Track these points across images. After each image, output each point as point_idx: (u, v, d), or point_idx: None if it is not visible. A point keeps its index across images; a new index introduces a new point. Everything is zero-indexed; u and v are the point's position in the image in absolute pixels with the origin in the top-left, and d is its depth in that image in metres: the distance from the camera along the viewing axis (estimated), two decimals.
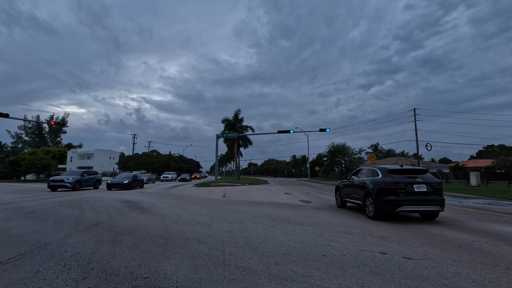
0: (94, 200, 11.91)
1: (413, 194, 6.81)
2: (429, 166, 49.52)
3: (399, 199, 6.71)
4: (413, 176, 7.12)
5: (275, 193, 16.52)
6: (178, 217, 7.36)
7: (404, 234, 5.44)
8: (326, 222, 6.69)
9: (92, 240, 4.81)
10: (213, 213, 8.11)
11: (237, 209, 9.16)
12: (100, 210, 8.76)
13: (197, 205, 10.15)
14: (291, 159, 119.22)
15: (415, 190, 6.84)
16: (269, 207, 9.62)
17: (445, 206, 7.15)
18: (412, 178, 7.06)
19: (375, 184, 7.24)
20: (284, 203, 11.19)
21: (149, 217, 7.35)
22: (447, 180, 31.10)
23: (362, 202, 7.89)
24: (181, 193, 16.91)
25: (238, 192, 17.27)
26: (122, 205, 10.25)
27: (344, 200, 9.58)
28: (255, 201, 11.98)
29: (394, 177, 7.07)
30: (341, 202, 9.80)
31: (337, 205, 10.06)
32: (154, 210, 8.72)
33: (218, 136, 28.69)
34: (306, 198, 13.13)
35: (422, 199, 6.79)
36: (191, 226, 6.18)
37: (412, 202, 6.71)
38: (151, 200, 11.89)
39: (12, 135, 76.12)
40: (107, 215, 7.80)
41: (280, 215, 7.73)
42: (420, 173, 7.26)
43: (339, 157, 45.74)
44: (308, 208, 9.55)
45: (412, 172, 7.26)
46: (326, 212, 8.43)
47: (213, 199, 12.85)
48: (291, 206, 10.12)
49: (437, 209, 6.86)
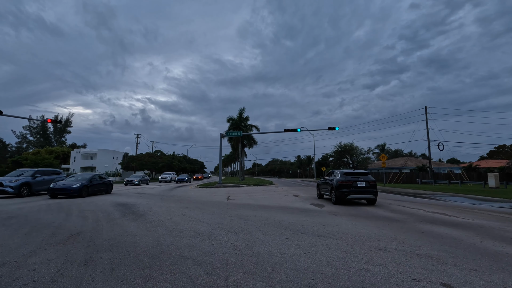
0: (86, 203, 10.95)
1: (357, 188, 10.49)
2: (440, 166, 47.87)
3: (349, 191, 10.43)
4: (358, 176, 10.72)
5: (282, 195, 15.42)
6: (174, 225, 6.31)
7: (459, 253, 4.31)
8: (351, 233, 5.58)
9: (61, 259, 3.78)
10: (216, 220, 7.05)
11: (243, 214, 8.09)
12: (88, 216, 7.77)
13: (198, 210, 9.10)
14: (296, 160, 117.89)
15: (358, 185, 10.50)
16: (278, 212, 8.53)
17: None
18: (357, 177, 10.65)
19: (336, 182, 10.81)
20: (295, 207, 10.09)
21: (141, 225, 6.32)
22: (462, 182, 29.61)
23: (329, 193, 11.59)
24: (182, 195, 15.90)
25: (243, 194, 16.21)
26: (115, 209, 9.26)
27: (321, 193, 13.23)
28: (262, 204, 10.90)
29: (347, 177, 10.69)
30: (319, 194, 13.57)
31: (317, 197, 13.75)
32: (149, 216, 7.69)
33: (222, 135, 27.68)
34: (317, 201, 12.00)
35: (362, 191, 10.51)
36: (188, 238, 5.13)
37: (356, 193, 10.47)
38: (149, 203, 10.89)
39: (17, 135, 76.20)
40: (93, 222, 6.80)
41: (293, 223, 6.63)
42: (363, 175, 10.87)
43: (347, 157, 44.40)
44: (323, 213, 8.43)
45: (358, 174, 10.89)
46: (346, 219, 7.31)
47: (216, 202, 11.80)
48: (303, 211, 9.02)
49: (372, 197, 10.63)
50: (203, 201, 12.21)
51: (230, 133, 29.21)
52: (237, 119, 41.34)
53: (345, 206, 10.38)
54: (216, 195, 15.78)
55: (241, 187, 23.73)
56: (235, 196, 14.97)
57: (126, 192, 17.74)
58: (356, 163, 43.61)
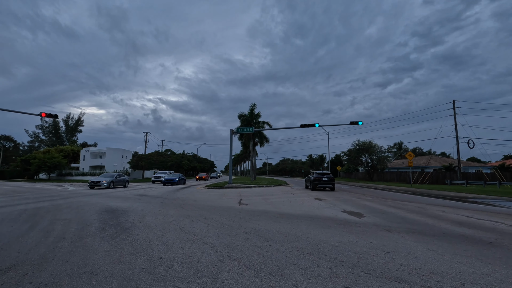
0: (69, 208, 9.10)
1: (323, 181, 19.04)
2: (468, 166, 44.30)
3: (319, 183, 19.06)
4: (323, 174, 19.42)
5: (303, 198, 13.21)
6: (164, 251, 4.26)
7: None
8: (447, 274, 3.35)
9: None
10: (225, 240, 4.96)
11: (262, 229, 5.97)
12: (55, 229, 5.84)
13: (203, 220, 7.05)
14: (307, 159, 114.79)
15: (323, 179, 19.06)
16: (310, 226, 6.36)
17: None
18: (323, 175, 19.33)
19: (312, 178, 19.53)
20: (326, 216, 7.89)
21: (115, 250, 4.30)
22: (500, 183, 26.40)
23: (309, 184, 20.24)
24: (187, 197, 13.93)
25: (256, 197, 14.09)
26: (99, 217, 7.33)
27: (306, 185, 22.05)
28: (283, 212, 8.75)
29: (318, 175, 19.38)
30: (305, 186, 22.43)
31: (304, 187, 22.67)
32: (135, 231, 5.69)
33: (233, 132, 25.65)
34: (350, 208, 9.75)
35: (326, 182, 19.05)
36: (177, 282, 3.05)
37: (322, 183, 19.04)
38: (144, 210, 8.93)
39: (29, 134, 76.94)
40: (54, 241, 4.84)
41: (340, 249, 4.45)
42: (326, 174, 19.41)
43: (365, 155, 41.51)
44: (368, 227, 6.20)
45: (323, 173, 19.53)
46: (411, 240, 5.06)
47: (226, 208, 9.74)
48: (340, 223, 6.81)
49: (331, 186, 19.05)
50: (210, 206, 10.17)
51: (241, 129, 27.13)
52: (248, 115, 39.22)
53: (385, 214, 8.09)
54: (226, 197, 13.73)
55: (253, 188, 21.63)
56: (248, 199, 12.87)
57: (126, 194, 15.96)
58: (375, 161, 40.63)
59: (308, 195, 15.41)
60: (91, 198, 13.09)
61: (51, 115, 17.85)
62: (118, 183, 23.69)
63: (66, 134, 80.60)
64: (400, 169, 46.12)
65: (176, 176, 29.96)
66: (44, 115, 17.54)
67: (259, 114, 39.22)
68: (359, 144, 41.02)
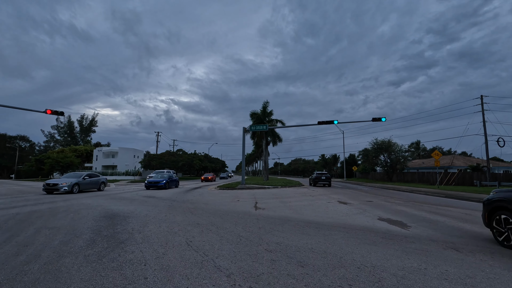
0: (66, 212, 8.10)
1: (322, 179, 26.68)
2: (496, 166, 41.42)
3: (318, 180, 26.63)
4: (322, 174, 27.49)
5: (324, 202, 11.84)
6: (162, 282, 3.07)
7: None
8: None
9: None
10: (243, 263, 3.73)
11: (289, 244, 4.70)
12: (36, 241, 4.78)
13: (215, 230, 5.85)
14: (319, 159, 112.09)
15: (322, 178, 26.75)
16: (349, 241, 5.03)
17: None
18: (322, 174, 27.40)
19: (313, 177, 27.83)
20: (362, 226, 6.53)
21: (95, 280, 3.12)
22: None
23: (312, 183, 28.04)
24: (198, 200, 12.82)
25: (273, 200, 12.81)
26: (96, 224, 6.26)
27: (310, 183, 29.31)
28: (308, 219, 7.44)
29: (317, 174, 27.50)
30: (309, 183, 29.97)
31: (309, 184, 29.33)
32: (130, 246, 4.54)
33: (246, 130, 24.46)
34: (385, 214, 8.33)
35: (324, 180, 26.66)
36: None
37: (321, 181, 26.61)
38: (148, 215, 7.83)
39: (45, 135, 78.68)
40: (28, 258, 3.74)
41: (412, 285, 3.13)
42: (324, 174, 27.53)
43: (384, 154, 39.40)
44: (428, 244, 4.82)
45: (322, 173, 27.73)
46: (497, 265, 3.67)
47: (240, 213, 8.52)
48: (385, 236, 5.44)
49: (328, 183, 26.72)
50: (222, 211, 8.98)
51: (254, 127, 25.88)
52: (261, 113, 37.96)
53: (434, 224, 6.63)
54: (239, 200, 12.53)
55: (268, 189, 20.36)
56: (264, 202, 11.62)
57: (133, 195, 15.05)
58: (394, 161, 38.45)
59: (330, 197, 14.00)
60: (94, 200, 12.18)
61: (56, 112, 17.24)
62: (87, 186, 17.58)
63: (81, 134, 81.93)
64: (421, 169, 43.65)
65: (163, 177, 21.72)
66: (50, 112, 16.92)
67: (272, 112, 37.93)
68: (377, 143, 38.96)
